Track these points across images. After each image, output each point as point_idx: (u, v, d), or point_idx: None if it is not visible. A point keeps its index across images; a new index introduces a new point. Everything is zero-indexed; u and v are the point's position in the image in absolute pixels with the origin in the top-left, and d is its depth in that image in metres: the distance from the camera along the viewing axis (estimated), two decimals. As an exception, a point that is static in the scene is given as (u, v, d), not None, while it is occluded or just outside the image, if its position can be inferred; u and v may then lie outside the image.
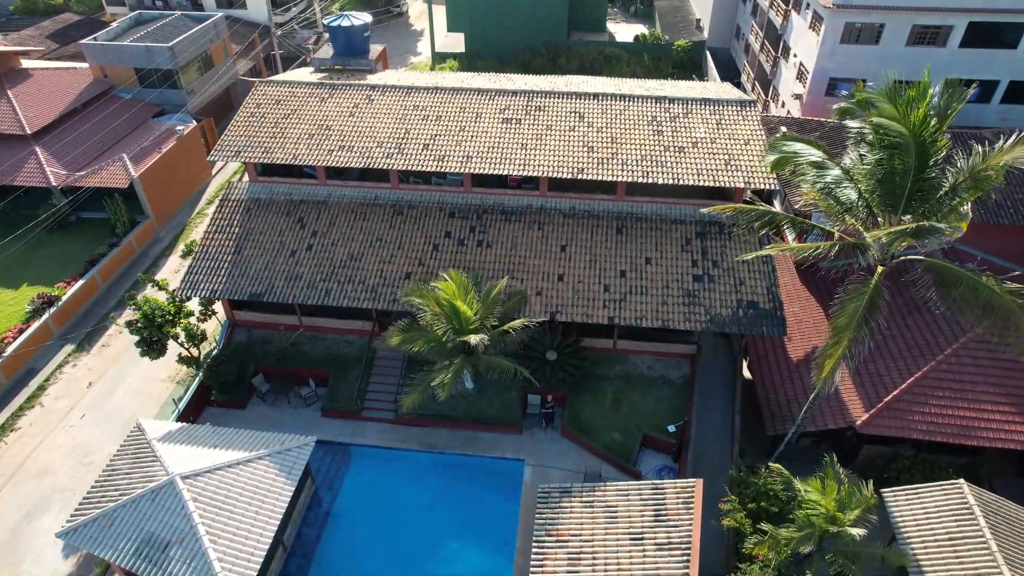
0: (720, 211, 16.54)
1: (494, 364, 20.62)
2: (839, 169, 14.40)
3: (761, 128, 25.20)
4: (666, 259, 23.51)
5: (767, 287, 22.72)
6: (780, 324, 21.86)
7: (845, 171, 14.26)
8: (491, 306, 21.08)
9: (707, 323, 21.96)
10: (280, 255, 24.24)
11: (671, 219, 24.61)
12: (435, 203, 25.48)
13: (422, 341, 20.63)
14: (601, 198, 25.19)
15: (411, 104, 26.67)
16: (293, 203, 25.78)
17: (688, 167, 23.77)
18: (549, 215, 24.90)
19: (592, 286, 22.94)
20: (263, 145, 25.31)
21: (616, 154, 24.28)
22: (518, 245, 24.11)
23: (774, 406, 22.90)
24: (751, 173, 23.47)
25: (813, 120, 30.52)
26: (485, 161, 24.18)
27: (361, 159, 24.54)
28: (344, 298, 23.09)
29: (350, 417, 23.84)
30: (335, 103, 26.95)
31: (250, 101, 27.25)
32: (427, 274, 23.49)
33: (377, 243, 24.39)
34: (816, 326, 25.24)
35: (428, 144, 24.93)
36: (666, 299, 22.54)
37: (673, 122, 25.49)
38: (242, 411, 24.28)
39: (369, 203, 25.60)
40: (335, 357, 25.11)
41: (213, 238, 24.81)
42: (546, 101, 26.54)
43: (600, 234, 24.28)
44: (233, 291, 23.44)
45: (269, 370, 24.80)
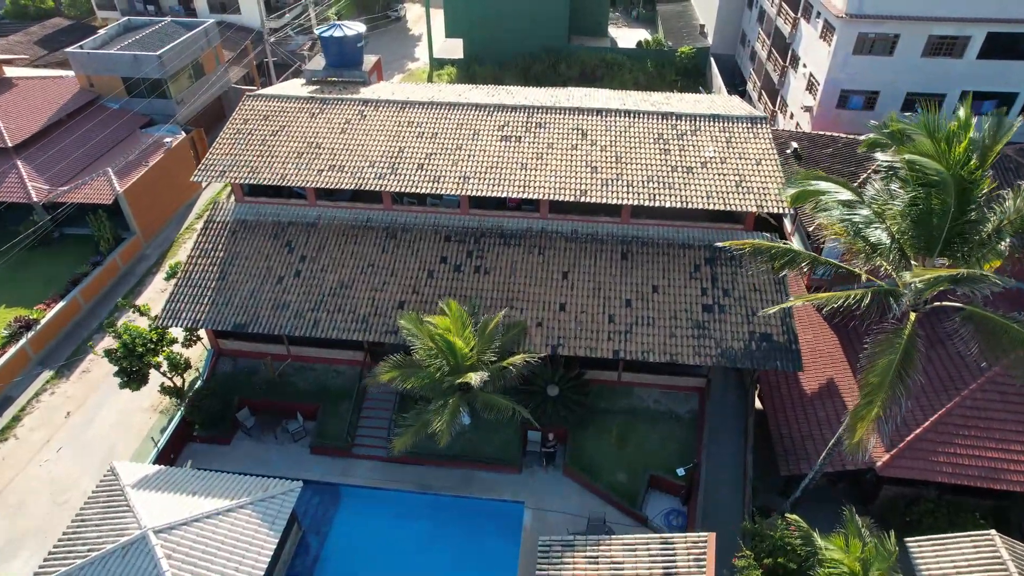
0: (735, 247, 15.26)
1: (492, 403, 19.36)
2: (869, 209, 13.15)
3: (773, 147, 23.94)
4: (674, 287, 22.25)
5: (781, 318, 21.46)
6: (796, 359, 20.60)
7: (877, 212, 13.01)
8: (489, 340, 19.82)
9: (718, 358, 20.70)
10: (267, 281, 22.98)
11: (679, 243, 23.35)
12: (430, 225, 24.22)
13: (415, 379, 19.37)
14: (605, 220, 23.93)
15: (405, 120, 25.40)
16: (281, 225, 24.51)
17: (697, 189, 22.51)
18: (550, 239, 23.64)
19: (596, 316, 21.68)
20: (250, 164, 24.05)
21: (621, 175, 23.02)
22: (517, 271, 22.85)
23: (787, 444, 21.65)
24: (763, 196, 22.22)
25: (825, 135, 29.26)
26: (483, 182, 22.91)
27: (352, 180, 23.28)
28: (333, 329, 21.83)
29: (340, 454, 22.59)
30: (326, 119, 25.69)
31: (237, 116, 25.99)
32: (421, 303, 22.24)
33: (369, 269, 23.12)
34: (831, 355, 24.00)
35: (423, 164, 23.67)
36: (674, 331, 21.28)
37: (681, 140, 24.23)
38: (226, 447, 23.01)
39: (361, 225, 24.33)
40: (324, 389, 23.84)
41: (196, 263, 23.55)
42: (547, 117, 25.27)
43: (604, 259, 23.02)
44: (216, 321, 22.18)
45: (255, 403, 23.54)
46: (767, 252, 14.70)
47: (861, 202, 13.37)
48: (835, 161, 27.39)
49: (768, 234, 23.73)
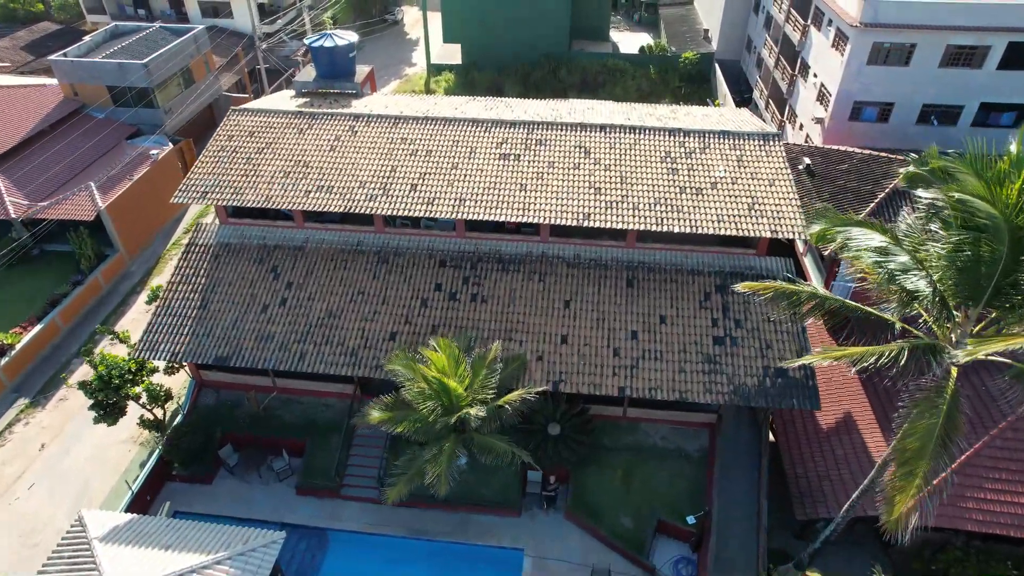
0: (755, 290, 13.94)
1: (489, 446, 18.05)
2: (907, 255, 11.83)
3: (787, 166, 22.59)
4: (683, 317, 20.93)
5: (798, 351, 20.14)
6: (813, 396, 19.29)
7: (917, 260, 11.69)
8: (485, 377, 18.51)
9: (730, 396, 19.38)
10: (250, 310, 21.66)
11: (687, 269, 22.03)
12: (424, 249, 22.90)
13: (407, 422, 18.05)
14: (609, 244, 22.61)
15: (399, 136, 24.07)
16: (267, 249, 23.18)
17: (707, 212, 21.18)
18: (551, 264, 22.31)
19: (600, 350, 20.36)
20: (233, 184, 22.71)
21: (626, 197, 21.69)
22: (516, 300, 21.53)
23: (803, 485, 20.35)
24: (778, 220, 20.88)
25: (839, 150, 27.92)
26: (480, 205, 21.58)
27: (341, 202, 21.95)
28: (321, 362, 20.51)
29: (328, 495, 21.27)
30: (314, 135, 24.35)
31: (221, 132, 24.65)
32: (414, 334, 20.92)
33: (359, 297, 21.80)
34: (848, 387, 22.68)
35: (416, 184, 22.34)
36: (683, 366, 19.95)
37: (689, 159, 22.89)
38: (208, 487, 21.69)
39: (351, 249, 23.01)
40: (312, 423, 22.52)
41: (176, 290, 22.22)
42: (548, 134, 23.94)
43: (608, 287, 21.70)
44: (197, 354, 20.85)
45: (239, 438, 22.22)
46: (791, 297, 13.40)
47: (897, 247, 12.05)
48: (850, 178, 26.07)
49: (780, 258, 22.45)
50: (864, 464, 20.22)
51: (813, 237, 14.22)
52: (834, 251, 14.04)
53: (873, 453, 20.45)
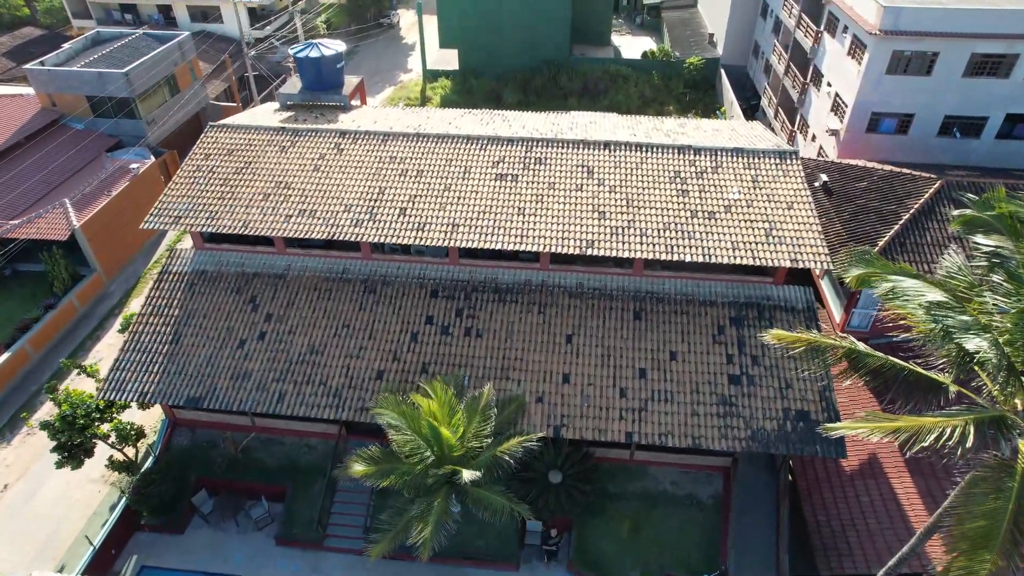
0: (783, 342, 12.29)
1: (484, 501, 16.40)
2: (970, 315, 10.19)
3: (807, 188, 20.97)
4: (695, 353, 19.29)
5: (820, 390, 18.50)
6: (838, 443, 17.64)
7: (984, 326, 10.03)
8: (480, 424, 16.89)
9: (747, 442, 17.73)
10: (226, 346, 20.02)
11: (699, 300, 20.39)
12: (414, 278, 21.26)
13: (395, 476, 16.42)
14: (614, 272, 20.98)
15: (387, 154, 22.43)
16: (245, 277, 21.54)
17: (721, 239, 19.54)
18: (552, 294, 20.67)
19: (605, 390, 18.72)
20: (209, 209, 21.08)
21: (633, 222, 20.05)
22: (514, 334, 19.88)
23: (826, 535, 18.72)
24: (798, 248, 19.25)
25: (858, 166, 26.26)
26: (474, 231, 19.95)
27: (325, 227, 20.32)
28: (301, 404, 18.86)
29: (310, 546, 19.63)
30: (297, 153, 22.71)
31: (198, 151, 23.02)
32: (403, 372, 19.28)
33: (344, 331, 20.16)
34: (872, 424, 21.03)
35: (406, 208, 20.70)
36: (696, 408, 18.31)
37: (700, 179, 21.25)
38: (179, 537, 20.03)
39: (335, 277, 21.37)
40: (294, 466, 20.87)
41: (147, 322, 20.58)
42: (548, 152, 22.30)
43: (614, 319, 20.06)
44: (167, 394, 19.21)
45: (214, 483, 20.57)
46: (824, 353, 11.74)
47: (959, 305, 10.40)
48: (871, 197, 24.41)
49: (800, 287, 20.81)
50: (893, 514, 18.62)
51: (853, 281, 12.56)
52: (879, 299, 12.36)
53: (903, 501, 18.86)
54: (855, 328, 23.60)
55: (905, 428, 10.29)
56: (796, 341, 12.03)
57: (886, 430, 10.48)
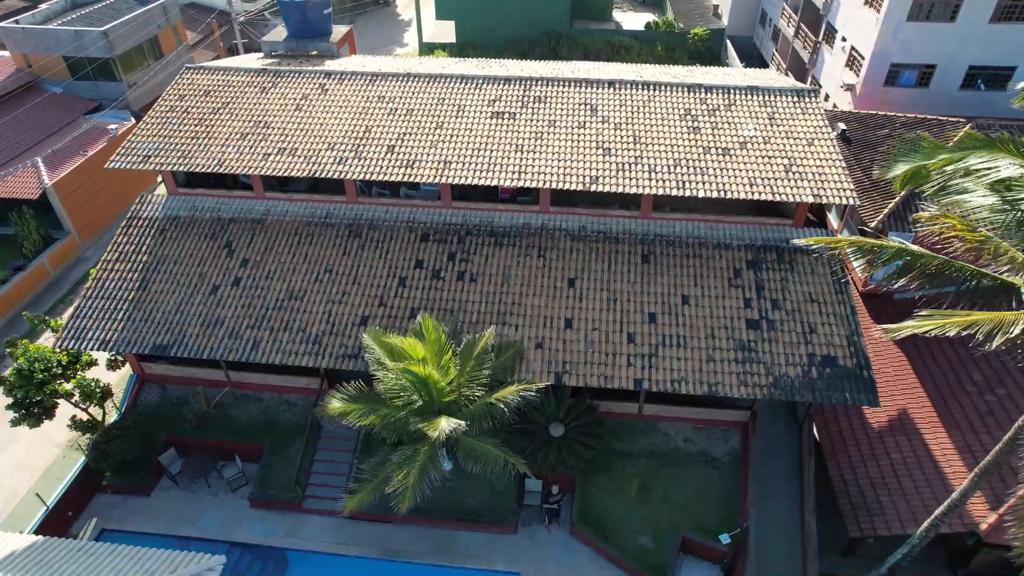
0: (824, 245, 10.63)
1: (477, 452, 14.75)
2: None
3: (827, 124, 19.38)
4: (709, 297, 17.65)
5: (847, 335, 16.86)
6: (870, 390, 15.99)
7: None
8: (474, 368, 15.24)
9: (769, 389, 16.08)
10: (198, 292, 18.37)
11: (713, 243, 18.76)
12: (403, 222, 19.62)
13: (378, 416, 14.77)
14: (620, 215, 19.36)
15: (375, 94, 20.83)
16: (221, 222, 19.90)
17: (736, 174, 17.94)
18: (552, 238, 19.04)
19: (612, 335, 17.06)
20: (181, 148, 19.46)
21: (641, 157, 18.45)
22: (511, 278, 18.24)
23: (855, 495, 17.05)
24: (821, 183, 17.64)
25: (878, 115, 24.66)
26: (468, 167, 18.34)
27: (306, 165, 18.70)
28: (277, 352, 17.21)
29: (287, 508, 17.94)
30: (279, 94, 21.11)
31: (171, 92, 21.40)
32: (390, 318, 17.64)
33: (326, 276, 18.52)
34: (899, 377, 19.44)
35: (394, 146, 19.09)
36: (712, 353, 16.67)
37: (713, 116, 19.66)
38: (145, 500, 18.34)
39: (318, 222, 19.73)
40: (271, 424, 19.19)
41: (112, 269, 18.94)
42: (548, 90, 20.71)
43: (620, 263, 18.42)
44: (131, 341, 17.55)
45: (184, 442, 18.88)
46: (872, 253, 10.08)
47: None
48: (893, 144, 22.82)
49: (823, 229, 19.19)
50: (929, 471, 16.95)
51: (899, 179, 10.94)
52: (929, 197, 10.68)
53: (938, 457, 17.20)
54: (878, 281, 21.97)
55: (982, 320, 8.63)
56: (836, 243, 10.38)
57: (961, 323, 8.81)
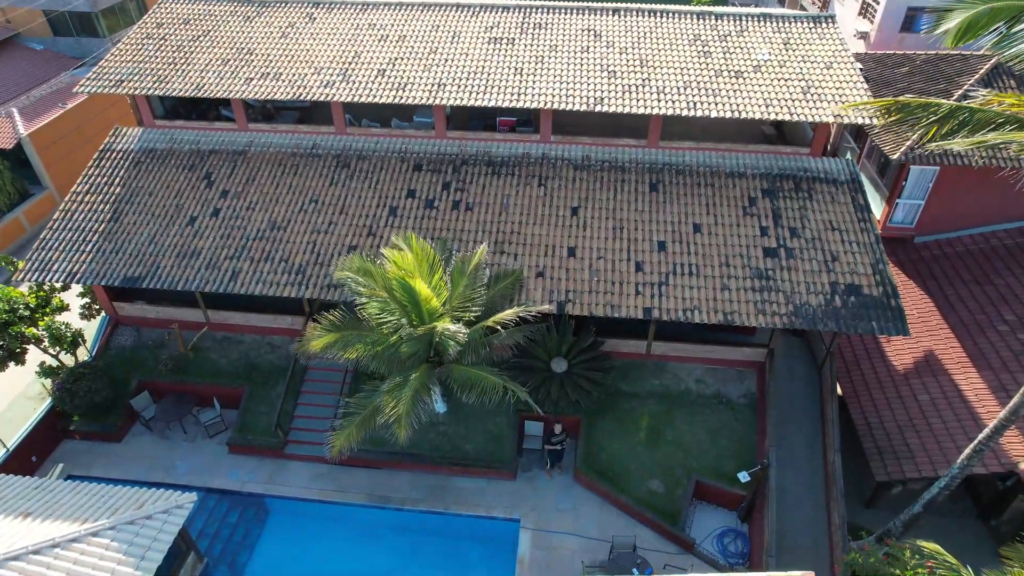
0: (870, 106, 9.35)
1: (472, 379, 13.50)
2: None
3: (847, 48, 18.15)
4: (723, 226, 16.40)
5: (873, 263, 15.61)
6: (899, 318, 14.72)
7: None
8: (468, 288, 13.98)
9: (789, 317, 14.82)
10: (174, 224, 17.09)
11: (725, 171, 17.51)
12: (395, 152, 18.36)
13: (362, 344, 13.51)
14: (626, 144, 18.10)
15: (365, 22, 19.58)
16: (200, 154, 18.62)
17: (750, 96, 16.70)
18: (554, 167, 17.78)
19: (618, 264, 15.80)
20: (157, 73, 18.19)
21: (648, 80, 17.20)
22: (511, 207, 16.98)
23: (880, 439, 15.82)
24: (840, 103, 16.39)
25: (896, 54, 23.42)
26: (464, 89, 17.09)
27: (290, 89, 17.43)
28: (258, 282, 15.93)
29: (269, 454, 16.65)
30: (263, 23, 19.84)
31: (148, 20, 20.13)
32: (379, 248, 16.36)
33: (311, 206, 17.24)
34: (922, 316, 18.21)
35: (385, 69, 17.84)
36: (727, 282, 15.40)
37: (724, 42, 18.42)
38: (116, 446, 17.03)
39: (304, 153, 18.46)
40: (252, 367, 17.90)
41: (82, 201, 17.65)
42: (548, 17, 19.48)
43: (627, 192, 17.16)
44: (100, 273, 16.27)
45: (159, 387, 17.58)
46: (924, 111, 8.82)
47: None
48: (914, 80, 21.56)
49: (841, 160, 17.94)
50: (960, 411, 15.72)
51: (951, 35, 9.74)
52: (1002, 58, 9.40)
53: (969, 398, 15.96)
54: (898, 224, 20.70)
55: None
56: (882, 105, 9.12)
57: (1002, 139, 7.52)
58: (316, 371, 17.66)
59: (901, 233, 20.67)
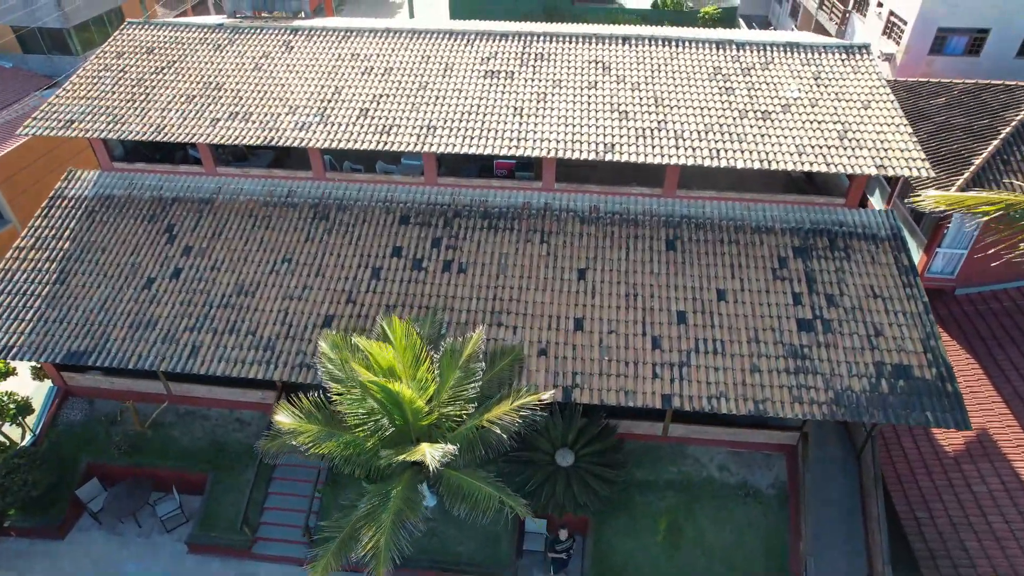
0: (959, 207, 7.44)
1: (464, 488, 11.53)
2: None
3: (885, 84, 16.17)
4: (750, 292, 14.42)
5: (923, 338, 13.65)
6: (956, 407, 12.76)
7: None
8: (460, 382, 12.01)
9: (831, 407, 12.84)
10: (129, 286, 15.10)
11: (751, 226, 15.53)
12: (380, 201, 16.37)
13: (337, 444, 11.53)
14: (639, 193, 16.14)
15: (348, 52, 17.60)
16: (163, 203, 16.63)
17: (781, 142, 14.73)
18: (558, 220, 15.80)
19: (632, 339, 13.82)
20: (113, 112, 16.20)
21: (664, 122, 15.22)
22: (510, 269, 15.00)
23: (931, 538, 13.89)
24: (884, 151, 14.43)
25: (932, 82, 21.44)
26: (456, 133, 15.11)
27: (261, 132, 15.45)
28: (220, 360, 13.94)
29: (234, 554, 14.66)
30: (235, 52, 17.86)
31: (108, 49, 18.14)
32: (359, 318, 14.39)
33: (283, 266, 15.25)
34: (973, 389, 16.23)
35: (368, 109, 15.85)
36: (757, 362, 13.43)
37: (748, 76, 16.44)
38: (59, 544, 15.02)
39: (278, 202, 16.47)
40: (218, 447, 15.91)
41: (24, 259, 15.66)
42: (551, 47, 17.49)
43: (641, 250, 15.18)
44: (42, 347, 14.27)
45: (111, 471, 15.59)
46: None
47: None
48: (953, 113, 19.61)
49: (881, 211, 15.98)
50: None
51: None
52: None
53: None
54: (937, 274, 18.75)
55: None
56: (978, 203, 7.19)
57: None
58: (283, 456, 15.67)
59: (940, 284, 18.74)
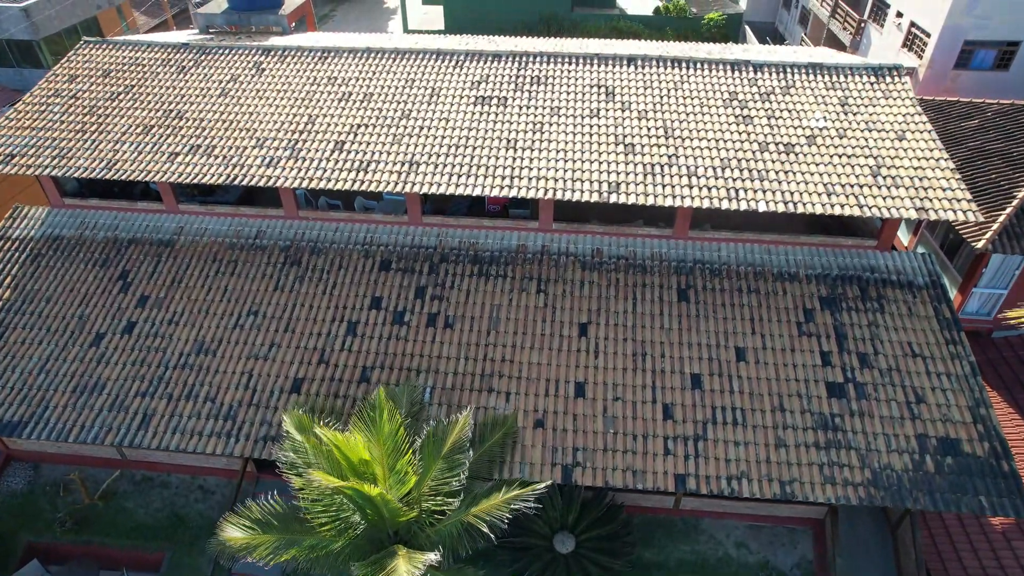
0: None
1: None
2: None
3: (921, 112, 14.52)
4: (773, 351, 12.80)
5: (971, 406, 12.03)
6: (1015, 490, 11.15)
7: None
8: (446, 471, 10.38)
9: (867, 489, 11.22)
10: (74, 343, 13.45)
11: (772, 272, 13.91)
12: (358, 243, 14.73)
13: (301, 550, 9.89)
14: (648, 235, 14.51)
15: (324, 75, 15.95)
16: (117, 245, 14.98)
17: (807, 179, 13.11)
18: (557, 266, 14.17)
19: (640, 408, 12.19)
20: (60, 145, 14.55)
21: (676, 157, 13.59)
22: (502, 324, 13.37)
23: (980, 628, 12.26)
24: (923, 191, 12.82)
25: (963, 102, 19.78)
26: (442, 171, 13.48)
27: (224, 169, 13.82)
28: (175, 431, 12.30)
29: (192, 648, 13.10)
30: (201, 75, 16.21)
31: (60, 72, 16.51)
32: (333, 381, 12.75)
33: (249, 320, 13.61)
34: (1017, 449, 14.60)
35: (344, 142, 14.22)
36: (783, 435, 11.81)
37: (767, 102, 14.80)
38: (-5, 634, 13.48)
39: (245, 244, 14.83)
40: (178, 521, 14.27)
41: (-40, 310, 14.03)
42: (549, 69, 15.85)
43: (649, 302, 13.55)
44: (-28, 416, 12.65)
45: (56, 549, 13.94)
46: None
47: None
48: (988, 137, 18.01)
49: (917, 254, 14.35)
50: (1084, 596, 12.19)
51: None
52: None
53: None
54: (972, 315, 17.18)
55: None
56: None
57: None
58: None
59: (976, 326, 17.17)
